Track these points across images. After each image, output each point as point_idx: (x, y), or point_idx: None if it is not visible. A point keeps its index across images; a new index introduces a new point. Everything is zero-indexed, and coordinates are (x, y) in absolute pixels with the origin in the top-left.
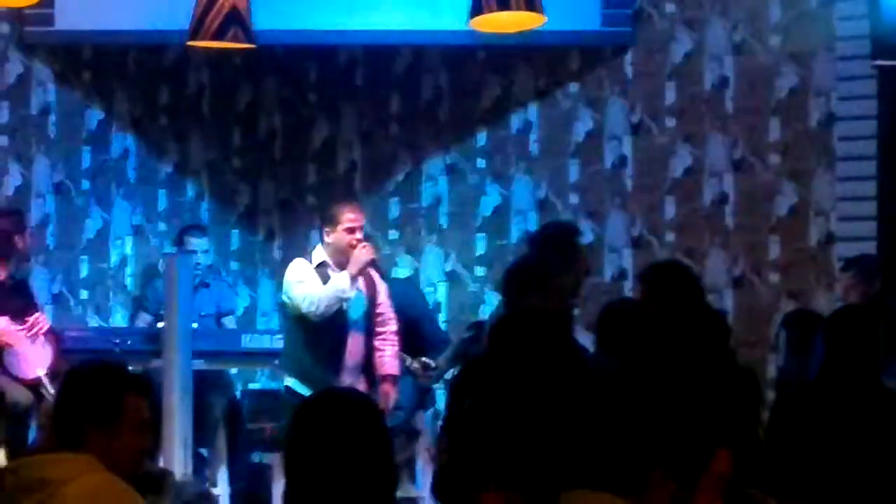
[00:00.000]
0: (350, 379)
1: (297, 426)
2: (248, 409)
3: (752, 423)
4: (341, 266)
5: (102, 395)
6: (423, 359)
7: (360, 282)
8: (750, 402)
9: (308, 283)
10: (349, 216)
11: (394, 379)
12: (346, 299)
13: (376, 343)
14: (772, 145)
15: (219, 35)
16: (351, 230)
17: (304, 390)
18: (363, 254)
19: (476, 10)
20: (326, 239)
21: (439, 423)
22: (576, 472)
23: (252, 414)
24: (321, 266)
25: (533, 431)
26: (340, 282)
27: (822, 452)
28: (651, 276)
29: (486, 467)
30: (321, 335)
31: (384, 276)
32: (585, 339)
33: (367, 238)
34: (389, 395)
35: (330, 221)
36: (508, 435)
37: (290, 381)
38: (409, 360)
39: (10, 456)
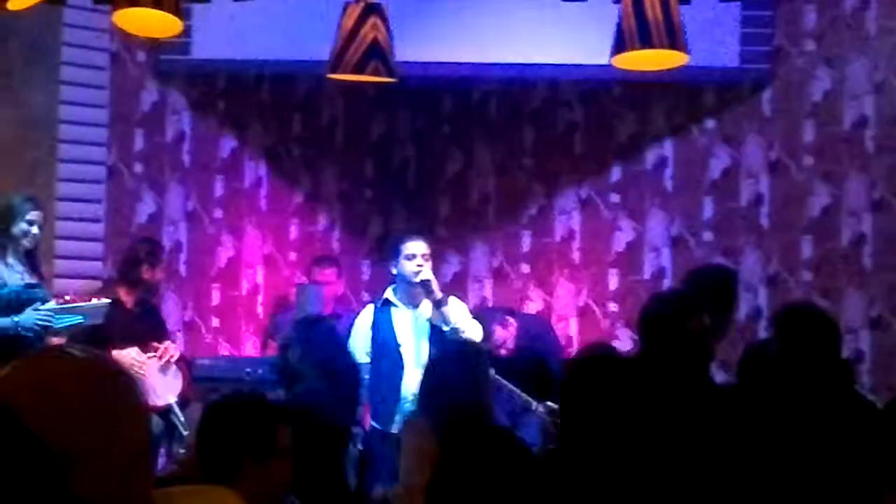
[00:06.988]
0: None
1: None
2: None
3: None
4: (411, 297)
5: (259, 427)
6: (549, 403)
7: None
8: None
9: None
10: (406, 244)
11: None
12: None
13: None
14: None
15: (359, 68)
16: (411, 256)
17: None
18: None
19: (618, 47)
20: (393, 272)
21: None
22: None
23: None
24: (385, 305)
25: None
26: None
27: None
28: (784, 319)
29: None
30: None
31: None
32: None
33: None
34: None
35: (392, 255)
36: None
37: None
38: (534, 405)
39: None
